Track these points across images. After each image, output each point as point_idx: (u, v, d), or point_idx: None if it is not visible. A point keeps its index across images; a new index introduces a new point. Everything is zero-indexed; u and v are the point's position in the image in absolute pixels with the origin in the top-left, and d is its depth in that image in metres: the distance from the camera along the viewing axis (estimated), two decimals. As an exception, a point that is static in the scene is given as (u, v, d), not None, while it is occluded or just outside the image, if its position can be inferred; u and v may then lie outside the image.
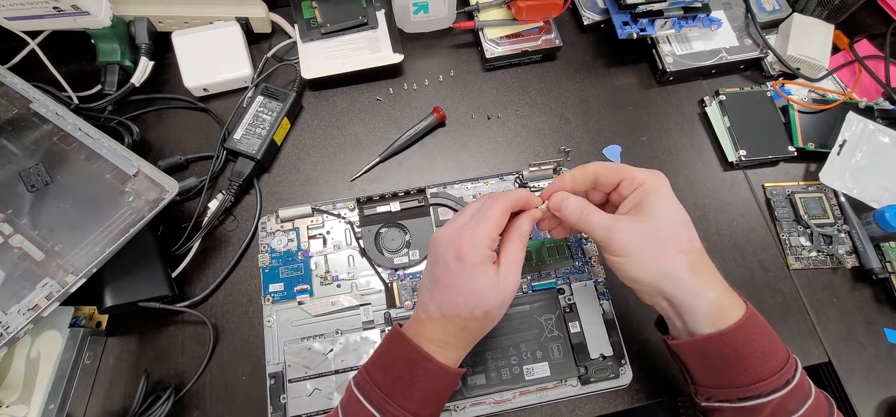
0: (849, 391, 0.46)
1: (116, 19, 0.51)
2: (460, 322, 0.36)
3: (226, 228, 0.51)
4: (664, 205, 0.36)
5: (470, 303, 0.36)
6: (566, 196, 0.38)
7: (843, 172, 0.52)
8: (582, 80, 0.59)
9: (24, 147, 0.44)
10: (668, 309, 0.36)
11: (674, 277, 0.35)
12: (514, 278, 0.36)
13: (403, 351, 0.36)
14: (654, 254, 0.35)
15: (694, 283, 0.34)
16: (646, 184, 0.36)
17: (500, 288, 0.36)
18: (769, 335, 0.35)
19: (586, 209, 0.37)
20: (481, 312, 0.36)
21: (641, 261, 0.35)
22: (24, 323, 0.38)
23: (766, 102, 0.56)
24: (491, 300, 0.36)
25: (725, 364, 0.34)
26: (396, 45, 0.56)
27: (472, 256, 0.35)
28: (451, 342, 0.37)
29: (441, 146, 0.55)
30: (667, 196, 0.36)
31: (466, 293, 0.36)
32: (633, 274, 0.35)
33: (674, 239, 0.35)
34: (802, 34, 0.57)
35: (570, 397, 0.44)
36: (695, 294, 0.34)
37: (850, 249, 0.51)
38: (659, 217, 0.35)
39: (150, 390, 0.44)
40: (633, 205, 0.36)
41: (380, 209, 0.50)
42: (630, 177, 0.37)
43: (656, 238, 0.35)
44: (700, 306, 0.34)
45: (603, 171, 0.38)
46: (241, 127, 0.52)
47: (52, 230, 0.41)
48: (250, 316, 0.47)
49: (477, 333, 0.37)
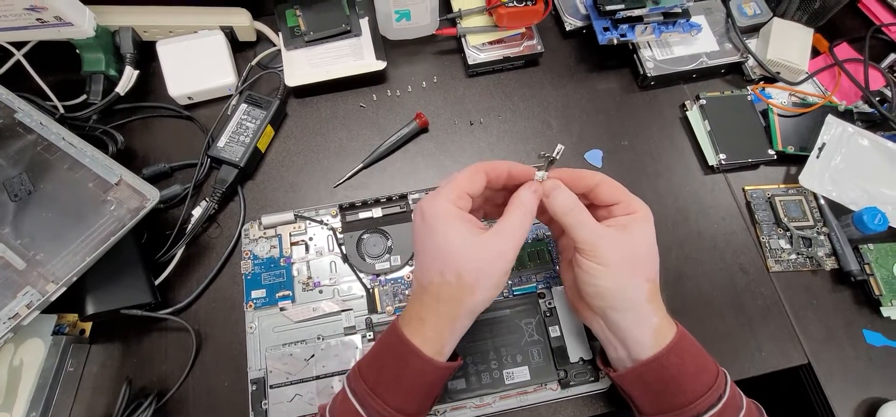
0: (828, 392, 0.46)
1: (101, 29, 0.52)
2: (433, 289, 0.35)
3: (209, 235, 0.51)
4: (646, 235, 0.37)
5: (438, 264, 0.35)
6: (560, 184, 0.37)
7: (823, 175, 0.53)
8: (564, 86, 0.59)
9: (8, 156, 0.45)
10: (607, 332, 0.38)
11: (633, 298, 0.36)
12: (500, 244, 0.35)
13: (391, 343, 0.36)
14: (628, 272, 0.36)
15: (645, 308, 0.37)
16: (639, 213, 0.38)
17: (478, 249, 0.34)
18: (699, 353, 0.37)
19: (579, 207, 0.37)
20: (452, 275, 0.34)
21: (614, 275, 0.36)
22: (5, 332, 0.38)
23: (747, 106, 0.56)
24: (462, 260, 0.34)
25: (664, 389, 0.36)
26: (379, 52, 0.56)
27: (433, 210, 0.35)
28: (428, 317, 0.36)
29: (424, 152, 0.56)
30: (651, 228, 0.38)
31: (432, 251, 0.35)
32: (602, 283, 0.36)
33: (645, 266, 0.37)
34: (782, 38, 0.58)
35: (549, 401, 0.45)
36: (643, 318, 0.36)
37: (830, 251, 0.51)
38: (640, 242, 0.37)
39: (132, 397, 0.44)
40: (619, 224, 0.37)
41: (362, 215, 0.51)
42: (627, 201, 0.38)
43: (633, 259, 0.36)
44: (644, 329, 0.36)
45: (606, 186, 0.38)
46: (224, 134, 0.52)
47: (34, 239, 0.42)
48: (233, 323, 0.48)
49: (454, 305, 0.35)
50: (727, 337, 0.48)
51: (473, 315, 0.37)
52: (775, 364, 0.48)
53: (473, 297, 0.35)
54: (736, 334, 0.48)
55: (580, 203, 0.37)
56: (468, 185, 0.36)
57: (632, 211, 0.38)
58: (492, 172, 0.38)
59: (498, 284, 0.36)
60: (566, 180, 0.38)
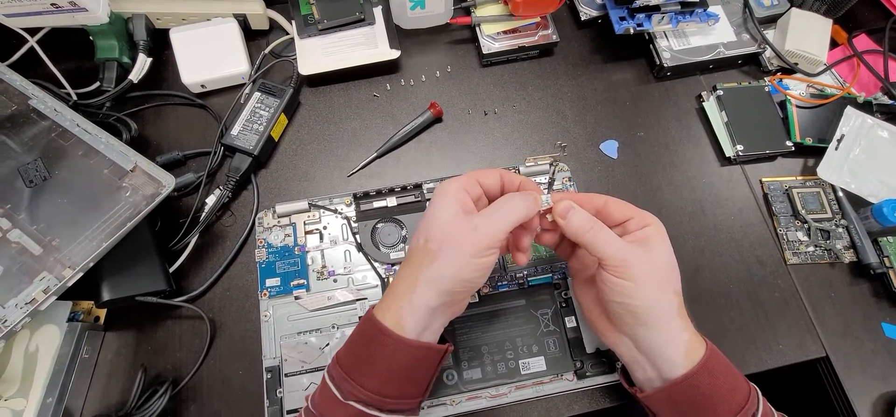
0: (846, 386, 0.46)
1: (114, 16, 0.52)
2: (408, 253, 0.37)
3: (223, 223, 0.51)
4: (667, 247, 0.37)
5: (420, 229, 0.36)
6: (574, 205, 0.37)
7: (841, 167, 0.52)
8: (579, 76, 0.59)
9: (23, 143, 0.45)
10: (635, 351, 0.37)
11: (664, 313, 0.36)
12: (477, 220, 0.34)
13: (363, 323, 0.36)
14: (656, 287, 0.36)
15: (676, 323, 0.36)
16: (653, 225, 0.37)
17: (453, 220, 0.34)
18: (730, 371, 0.36)
19: (598, 224, 0.36)
20: (422, 238, 0.35)
21: (644, 291, 0.35)
22: (22, 317, 0.38)
23: (764, 97, 0.56)
24: (434, 226, 0.35)
25: (694, 409, 0.35)
26: (393, 41, 0.56)
27: (442, 187, 0.36)
28: (395, 285, 0.36)
29: (438, 142, 0.55)
30: (668, 239, 0.37)
31: (422, 220, 0.37)
32: (633, 301, 0.35)
33: (672, 279, 0.37)
34: (801, 29, 0.57)
35: (565, 391, 0.44)
36: (674, 334, 0.36)
37: (848, 244, 0.51)
38: (664, 255, 0.37)
39: (147, 384, 0.44)
40: (638, 240, 0.37)
41: (376, 204, 0.50)
42: (639, 215, 0.38)
43: (661, 272, 0.36)
44: (676, 347, 0.35)
45: (615, 204, 0.39)
46: (238, 123, 0.52)
47: (50, 225, 0.41)
48: (247, 311, 0.47)
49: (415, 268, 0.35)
50: (744, 330, 0.48)
51: (435, 287, 0.34)
52: (793, 356, 0.47)
53: (433, 263, 0.34)
54: (752, 326, 0.48)
55: (599, 221, 0.37)
56: (482, 176, 0.38)
57: (647, 223, 0.37)
58: (506, 177, 0.39)
59: (467, 262, 0.34)
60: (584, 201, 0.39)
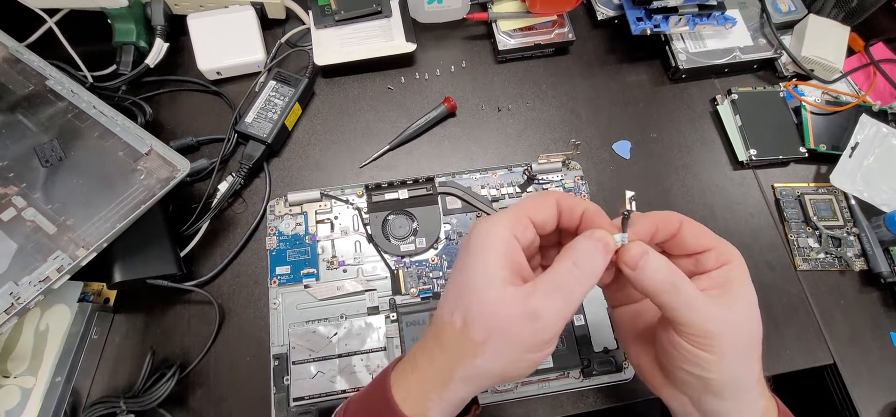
0: (853, 394, 0.46)
1: (133, 0, 0.52)
2: (437, 328, 0.28)
3: (234, 210, 0.51)
4: (751, 298, 0.28)
5: (452, 297, 0.28)
6: (648, 249, 0.27)
7: (855, 175, 0.52)
8: (594, 75, 0.59)
9: (39, 123, 0.45)
10: (691, 409, 0.30)
11: (743, 386, 0.28)
12: (530, 305, 0.25)
13: (376, 387, 0.30)
14: (741, 360, 0.28)
15: (754, 392, 0.29)
16: (735, 263, 0.28)
17: (500, 301, 0.26)
18: None
19: (681, 279, 0.27)
20: (460, 319, 0.27)
21: (727, 364, 0.27)
22: (35, 294, 0.38)
23: (779, 103, 0.55)
24: (476, 306, 0.26)
25: None
26: (409, 34, 0.56)
27: (481, 232, 0.27)
28: (421, 363, 0.28)
29: (451, 136, 0.55)
30: (750, 283, 0.28)
31: (455, 282, 0.28)
32: (711, 376, 0.27)
33: (758, 343, 0.28)
34: (817, 35, 0.57)
35: (571, 389, 0.44)
36: (749, 403, 0.29)
37: (859, 252, 0.50)
38: (750, 315, 0.28)
39: (155, 367, 0.44)
40: (717, 284, 0.28)
41: (388, 196, 0.50)
42: (718, 246, 0.29)
43: (747, 341, 0.28)
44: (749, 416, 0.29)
45: (692, 229, 0.29)
46: (252, 111, 0.52)
47: (65, 204, 0.42)
48: (256, 298, 0.48)
49: (450, 358, 0.27)
50: (753, 334, 0.48)
51: (474, 384, 0.28)
52: (800, 362, 0.47)
53: (475, 361, 0.26)
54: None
55: (680, 272, 0.27)
56: (534, 211, 0.29)
57: (728, 259, 0.28)
58: (565, 204, 0.29)
59: (516, 358, 0.26)
60: (644, 233, 0.29)
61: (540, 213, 0.29)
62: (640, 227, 0.29)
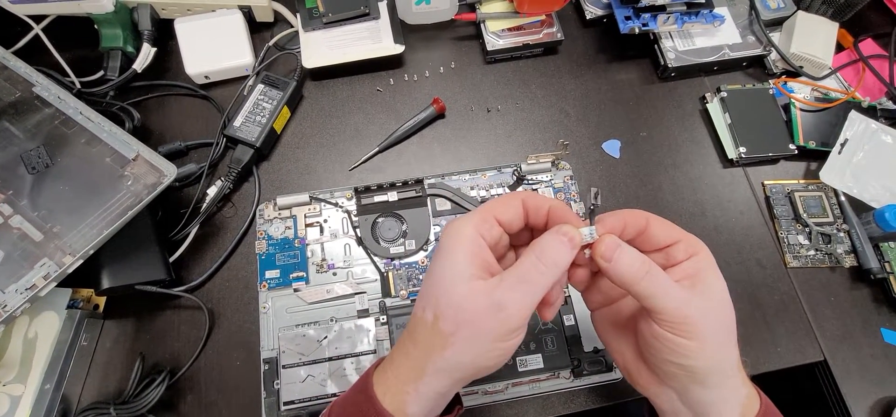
0: (844, 390, 0.46)
1: (119, 5, 0.52)
2: (412, 325, 0.30)
3: (224, 215, 0.51)
4: (721, 284, 0.29)
5: (425, 294, 0.29)
6: (620, 244, 0.28)
7: (844, 171, 0.52)
8: (583, 75, 0.59)
9: (26, 129, 0.45)
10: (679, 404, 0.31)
11: (724, 371, 0.29)
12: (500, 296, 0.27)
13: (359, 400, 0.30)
14: (720, 343, 0.29)
15: (735, 380, 0.30)
16: (702, 253, 0.30)
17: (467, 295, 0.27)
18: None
19: (653, 270, 0.28)
20: (431, 314, 0.28)
21: (707, 350, 0.28)
22: (21, 302, 0.38)
23: (768, 100, 0.55)
24: (444, 300, 0.27)
25: None
26: (398, 36, 0.56)
27: (450, 232, 0.29)
28: (397, 358, 0.30)
29: (440, 137, 0.55)
30: (719, 271, 0.29)
31: (427, 279, 0.29)
32: (690, 362, 0.28)
33: (733, 328, 0.29)
34: (806, 32, 0.57)
35: (562, 389, 0.44)
36: (733, 391, 0.30)
37: (849, 249, 0.50)
38: (722, 300, 0.29)
39: (145, 373, 0.44)
40: (688, 275, 0.29)
41: (377, 199, 0.50)
42: (686, 238, 0.30)
43: (723, 325, 0.29)
44: (732, 405, 0.30)
45: (658, 226, 0.30)
46: (241, 114, 0.52)
47: (52, 211, 0.42)
48: (246, 303, 0.48)
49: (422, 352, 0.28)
50: (742, 332, 0.46)
51: (448, 377, 0.28)
52: (791, 360, 0.47)
53: (444, 352, 0.27)
54: (751, 329, 0.48)
55: (653, 263, 0.28)
56: (500, 210, 0.30)
57: (695, 251, 0.30)
58: (530, 203, 0.31)
59: (485, 348, 0.27)
60: (613, 228, 0.30)
61: (506, 213, 0.30)
62: (610, 223, 0.30)
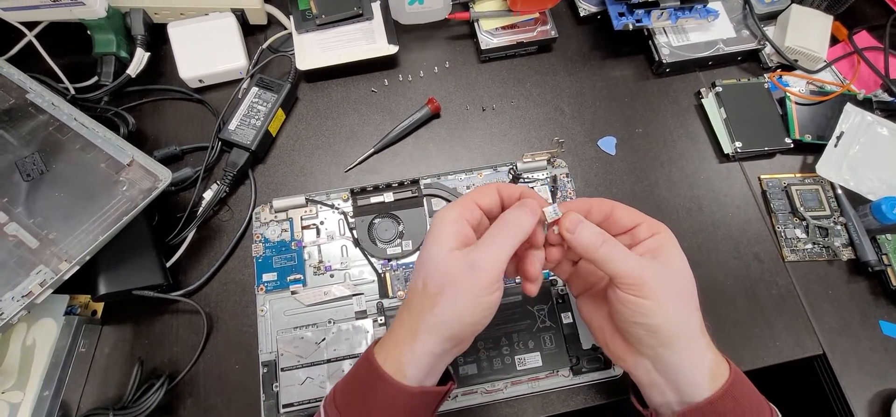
0: (843, 383, 0.46)
1: (112, 10, 0.52)
2: (408, 295, 0.34)
3: (220, 218, 0.51)
4: (681, 258, 0.34)
5: (417, 268, 0.34)
6: (582, 218, 0.34)
7: (840, 164, 0.52)
8: (577, 72, 0.59)
9: (21, 136, 0.45)
10: (655, 374, 0.34)
11: (687, 332, 0.33)
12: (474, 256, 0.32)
13: (361, 363, 0.34)
14: (678, 305, 0.33)
15: (700, 343, 0.33)
16: (663, 233, 0.34)
17: (447, 260, 0.32)
18: (755, 395, 0.34)
19: (610, 240, 0.33)
20: (420, 281, 0.33)
21: (666, 309, 0.32)
22: (18, 310, 0.38)
23: (763, 94, 0.55)
24: (430, 266, 0.32)
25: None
26: (391, 36, 0.56)
27: (438, 216, 0.34)
28: (394, 328, 0.34)
29: (435, 137, 0.55)
30: (680, 249, 0.34)
31: (420, 255, 0.34)
32: (652, 321, 0.32)
33: (692, 294, 0.34)
34: (801, 25, 0.57)
35: (561, 387, 0.44)
36: (699, 353, 0.33)
37: (846, 241, 0.50)
38: (680, 269, 0.34)
39: (144, 378, 0.44)
40: (649, 250, 0.34)
41: (373, 199, 0.50)
42: (649, 222, 0.35)
43: (681, 289, 0.33)
44: (700, 368, 0.33)
45: (622, 211, 0.36)
46: (235, 118, 0.52)
47: (47, 218, 0.42)
48: (244, 306, 0.48)
49: (416, 315, 0.33)
50: (741, 326, 0.48)
51: (439, 333, 0.32)
52: (789, 354, 0.47)
53: (434, 310, 0.32)
54: (750, 323, 0.48)
55: (611, 237, 0.33)
56: (480, 197, 0.35)
57: (656, 231, 0.34)
58: (505, 191, 0.36)
59: (467, 303, 0.32)
60: (578, 209, 0.35)
61: (484, 199, 0.35)
62: (575, 205, 0.36)
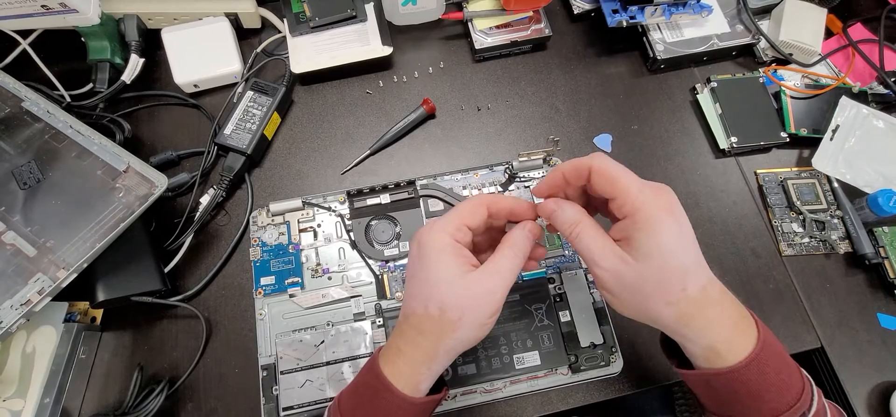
0: (841, 376, 0.46)
1: (105, 17, 0.52)
2: (415, 321, 0.34)
3: (217, 223, 0.51)
4: (656, 246, 0.30)
5: (423, 295, 0.33)
6: (559, 204, 0.35)
7: (836, 157, 0.52)
8: (572, 70, 0.59)
9: (17, 145, 0.45)
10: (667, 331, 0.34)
11: (660, 324, 0.33)
12: (489, 282, 0.33)
13: (367, 378, 0.35)
14: (639, 301, 0.32)
15: (684, 331, 0.32)
16: (638, 215, 0.31)
17: (466, 285, 0.32)
18: (784, 367, 0.32)
19: (579, 225, 0.33)
20: (436, 308, 0.32)
21: (624, 305, 0.32)
22: (17, 318, 0.38)
23: (759, 88, 0.55)
24: (448, 294, 0.32)
25: (735, 399, 0.31)
26: (385, 37, 0.56)
27: (429, 242, 0.34)
28: (406, 349, 0.34)
29: (431, 138, 0.55)
30: (664, 232, 0.30)
31: (421, 282, 0.34)
32: (618, 310, 0.33)
33: (662, 289, 0.30)
34: (795, 19, 0.57)
35: (560, 385, 0.44)
36: (685, 340, 0.32)
37: (843, 235, 0.50)
38: (649, 260, 0.30)
39: (144, 383, 0.44)
40: (623, 234, 0.32)
41: (370, 201, 0.50)
42: (622, 198, 0.31)
43: (642, 285, 0.31)
44: (692, 350, 0.32)
45: (598, 176, 0.33)
46: (231, 122, 0.52)
47: (44, 226, 0.42)
48: (243, 310, 0.48)
49: (433, 340, 0.33)
50: (739, 322, 0.48)
51: (453, 353, 0.34)
52: (787, 348, 0.46)
53: (455, 334, 0.33)
54: (748, 318, 0.48)
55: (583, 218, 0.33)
56: (469, 218, 0.35)
57: (628, 211, 0.31)
58: (494, 207, 0.36)
59: (483, 324, 0.33)
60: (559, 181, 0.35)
61: (473, 219, 0.35)
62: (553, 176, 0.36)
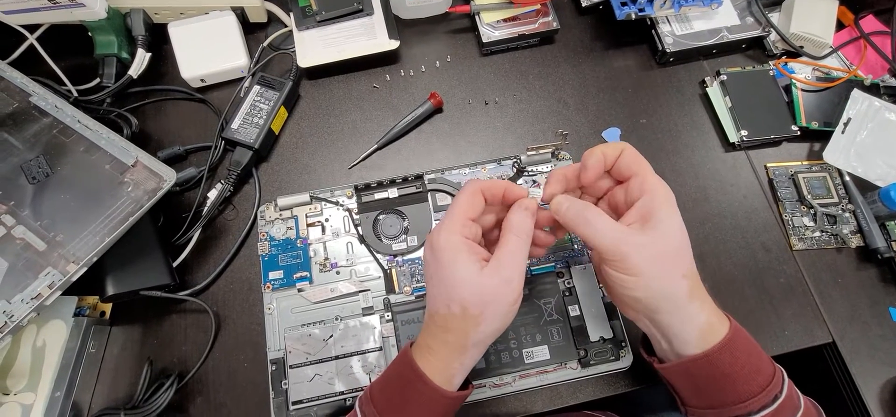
0: (853, 371, 0.46)
1: (112, 11, 0.52)
2: (440, 320, 0.35)
3: (225, 217, 0.51)
4: (673, 222, 0.34)
5: (444, 296, 0.34)
6: (565, 199, 0.36)
7: (848, 151, 0.51)
8: (580, 63, 0.58)
9: (25, 140, 0.45)
10: (653, 329, 0.36)
11: (673, 300, 0.34)
12: (503, 273, 0.34)
13: (402, 370, 0.36)
14: (660, 275, 0.33)
15: (689, 308, 0.34)
16: (657, 193, 0.34)
17: (483, 283, 0.33)
18: (754, 351, 0.35)
19: (589, 213, 0.34)
20: (458, 307, 0.34)
21: (647, 282, 0.33)
22: (28, 312, 0.38)
23: (769, 81, 0.55)
24: (466, 293, 0.33)
25: (713, 385, 0.34)
26: (392, 31, 0.55)
27: (440, 244, 0.35)
28: (436, 346, 0.35)
29: (438, 132, 0.55)
30: (676, 211, 0.34)
31: (440, 284, 0.35)
32: (635, 294, 0.34)
33: (679, 261, 0.34)
34: (806, 11, 0.56)
35: (569, 380, 0.44)
36: (688, 318, 0.34)
37: (855, 229, 0.50)
38: (669, 234, 0.33)
39: (154, 377, 0.44)
40: (641, 214, 0.34)
41: (378, 196, 0.50)
42: (643, 175, 0.35)
43: (665, 257, 0.33)
44: (690, 329, 0.34)
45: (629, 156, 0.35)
46: (238, 116, 0.52)
47: (54, 221, 0.42)
48: (251, 304, 0.48)
49: (461, 336, 0.35)
50: (749, 316, 0.47)
51: (483, 345, 0.36)
52: (799, 342, 0.47)
53: (479, 328, 0.34)
54: (758, 313, 0.48)
55: (590, 206, 0.35)
56: (469, 210, 0.36)
57: (649, 189, 0.34)
58: (488, 192, 0.37)
59: (505, 313, 0.34)
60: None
61: (473, 209, 0.36)
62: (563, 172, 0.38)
